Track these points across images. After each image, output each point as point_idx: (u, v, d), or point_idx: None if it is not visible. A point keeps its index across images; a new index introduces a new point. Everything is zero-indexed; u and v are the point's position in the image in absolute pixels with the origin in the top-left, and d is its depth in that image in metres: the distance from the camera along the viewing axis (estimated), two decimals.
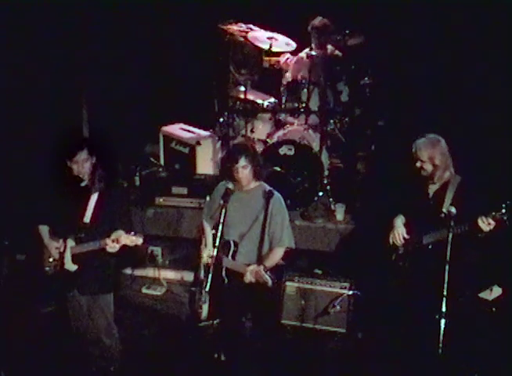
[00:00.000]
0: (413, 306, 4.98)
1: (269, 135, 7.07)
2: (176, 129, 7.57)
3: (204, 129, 7.56)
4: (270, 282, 4.75)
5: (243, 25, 7.19)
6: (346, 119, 7.21)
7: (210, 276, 4.69)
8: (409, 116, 7.21)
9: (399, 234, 5.02)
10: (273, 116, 7.10)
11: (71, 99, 7.20)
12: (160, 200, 6.89)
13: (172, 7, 7.77)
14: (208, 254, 5.03)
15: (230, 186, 4.88)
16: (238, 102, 7.16)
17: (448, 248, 4.52)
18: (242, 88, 7.12)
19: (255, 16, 7.30)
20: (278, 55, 7.41)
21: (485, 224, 4.56)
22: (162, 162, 7.57)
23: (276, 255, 5.00)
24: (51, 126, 6.73)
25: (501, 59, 6.52)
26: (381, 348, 5.41)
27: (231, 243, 4.99)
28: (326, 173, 6.89)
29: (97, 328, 4.94)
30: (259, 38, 7.12)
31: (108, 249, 4.62)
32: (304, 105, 6.94)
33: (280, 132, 6.91)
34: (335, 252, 6.39)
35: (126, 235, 4.60)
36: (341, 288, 5.85)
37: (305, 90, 6.94)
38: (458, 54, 6.78)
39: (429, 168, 4.89)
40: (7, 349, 5.34)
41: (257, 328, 5.20)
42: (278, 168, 6.60)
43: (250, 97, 7.08)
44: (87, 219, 4.72)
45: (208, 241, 5.18)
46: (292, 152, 6.65)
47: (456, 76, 6.78)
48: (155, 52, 7.94)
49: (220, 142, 7.37)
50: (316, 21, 7.09)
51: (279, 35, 7.03)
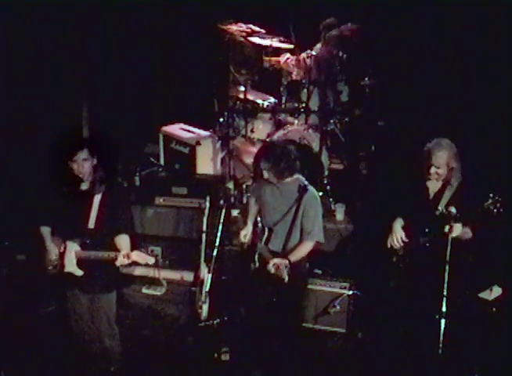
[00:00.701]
0: (413, 306, 4.99)
1: (269, 135, 7.06)
2: (176, 129, 7.57)
3: (204, 129, 7.55)
4: (286, 279, 4.79)
5: (243, 25, 7.19)
6: (346, 119, 7.21)
7: (210, 276, 4.69)
8: (409, 116, 7.22)
9: (398, 239, 5.02)
10: (273, 116, 7.10)
11: (71, 99, 7.19)
12: (160, 200, 6.89)
13: (172, 7, 7.77)
14: (244, 233, 5.25)
15: (230, 186, 4.90)
16: (238, 102, 7.14)
17: (448, 248, 4.54)
18: (242, 88, 7.12)
19: (255, 16, 7.30)
20: (278, 55, 7.40)
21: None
22: (162, 162, 7.56)
23: (304, 249, 5.03)
24: (51, 126, 6.72)
25: (501, 59, 6.53)
26: (381, 348, 5.41)
27: (266, 230, 5.15)
28: (326, 173, 6.90)
29: (98, 328, 4.92)
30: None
31: (117, 263, 4.61)
32: (304, 105, 6.94)
33: (280, 132, 6.90)
34: (335, 252, 6.39)
35: (138, 252, 4.60)
36: (341, 288, 5.85)
37: (305, 90, 6.95)
38: (458, 54, 6.79)
39: (444, 172, 4.85)
40: (7, 349, 5.33)
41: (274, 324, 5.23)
42: None
43: (250, 97, 7.08)
44: (91, 225, 4.70)
45: (249, 220, 5.33)
46: None
47: (456, 76, 6.79)
48: (155, 52, 7.94)
49: (220, 142, 7.37)
50: (330, 19, 7.10)
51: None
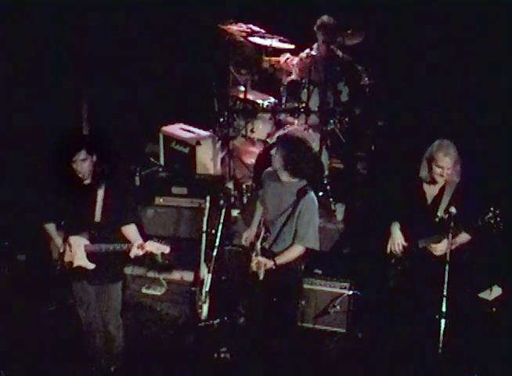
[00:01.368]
0: (413, 306, 4.98)
1: (269, 135, 7.07)
2: (176, 129, 7.56)
3: (204, 129, 7.55)
4: (261, 277, 4.91)
5: (243, 25, 7.19)
6: (346, 119, 7.20)
7: (210, 276, 4.69)
8: (409, 116, 7.22)
9: (399, 244, 5.01)
10: (273, 116, 7.10)
11: (71, 99, 7.19)
12: (160, 200, 6.89)
13: (172, 7, 7.77)
14: (246, 236, 5.31)
15: (230, 186, 4.91)
16: (238, 102, 7.14)
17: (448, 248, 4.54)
18: (242, 88, 7.13)
19: (255, 16, 7.30)
20: (278, 55, 7.41)
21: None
22: (162, 162, 7.55)
23: (292, 252, 5.02)
24: (51, 126, 6.72)
25: (501, 59, 6.53)
26: (381, 348, 5.41)
27: (265, 228, 5.16)
28: (326, 173, 6.89)
29: (103, 318, 4.94)
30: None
31: (131, 254, 4.63)
32: (304, 105, 6.94)
33: (280, 132, 6.91)
34: (335, 252, 6.39)
35: (151, 242, 4.62)
36: (341, 288, 5.84)
37: (305, 90, 6.94)
38: (458, 54, 6.79)
39: (448, 174, 4.78)
40: (7, 349, 5.33)
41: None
42: None
43: (250, 97, 7.09)
44: (98, 218, 4.72)
45: (253, 222, 5.35)
46: None
47: (456, 76, 6.79)
48: (155, 52, 7.93)
49: (220, 142, 7.37)
50: (325, 18, 7.02)
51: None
